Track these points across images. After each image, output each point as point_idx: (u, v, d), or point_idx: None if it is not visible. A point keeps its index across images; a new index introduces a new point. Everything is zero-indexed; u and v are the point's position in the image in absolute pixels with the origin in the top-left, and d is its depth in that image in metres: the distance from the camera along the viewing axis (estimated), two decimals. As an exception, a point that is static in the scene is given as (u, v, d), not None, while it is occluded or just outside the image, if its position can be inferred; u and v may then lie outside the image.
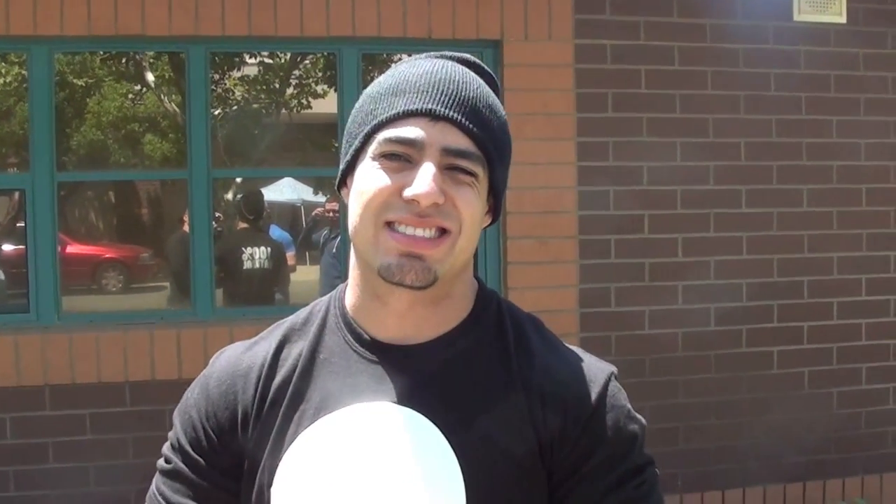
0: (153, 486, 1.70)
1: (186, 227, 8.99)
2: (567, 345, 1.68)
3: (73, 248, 15.87)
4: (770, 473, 6.11)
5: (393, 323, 1.60)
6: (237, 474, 1.64)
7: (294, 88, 17.34)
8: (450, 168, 1.51)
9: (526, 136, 5.61)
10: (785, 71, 6.06)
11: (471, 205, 1.53)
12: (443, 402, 1.56)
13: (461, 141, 1.52)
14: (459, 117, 1.52)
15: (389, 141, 1.51)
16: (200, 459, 1.65)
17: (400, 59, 1.64)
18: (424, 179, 1.47)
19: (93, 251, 17.28)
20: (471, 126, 1.53)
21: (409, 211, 1.49)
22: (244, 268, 8.19)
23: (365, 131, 1.55)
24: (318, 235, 10.55)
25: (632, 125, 5.88)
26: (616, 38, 5.87)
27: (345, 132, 1.64)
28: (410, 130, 1.50)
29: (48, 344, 5.42)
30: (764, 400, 6.10)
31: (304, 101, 17.34)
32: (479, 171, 1.54)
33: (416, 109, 1.51)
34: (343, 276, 8.20)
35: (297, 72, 17.19)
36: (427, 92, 1.53)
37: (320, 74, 16.90)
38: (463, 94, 1.55)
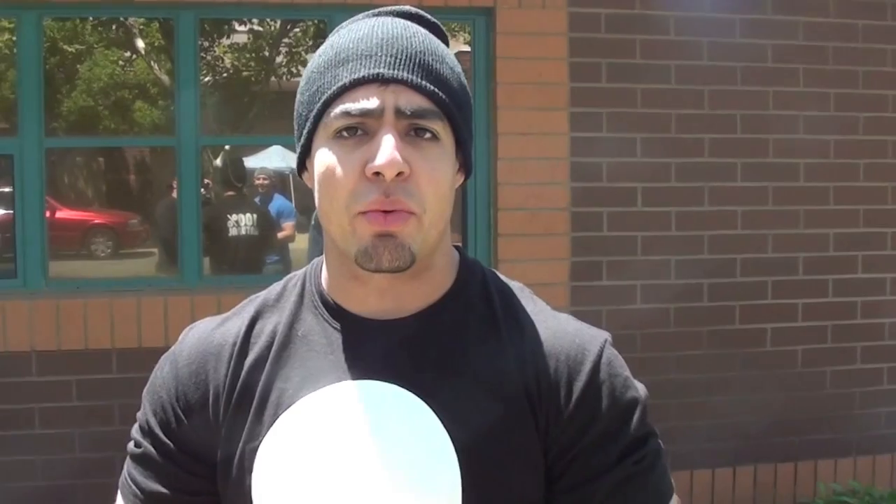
0: (125, 472, 1.63)
1: (175, 194, 9.00)
2: (557, 312, 1.61)
3: (61, 214, 15.85)
4: (761, 453, 6.07)
5: (374, 300, 1.53)
6: (210, 459, 1.56)
7: (284, 56, 17.30)
8: (409, 132, 1.43)
9: (518, 106, 5.56)
10: (783, 42, 5.99)
11: (436, 173, 1.45)
12: (431, 376, 1.49)
13: (416, 100, 1.43)
14: (410, 76, 1.43)
15: (341, 115, 1.42)
16: (170, 443, 1.57)
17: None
18: (385, 150, 1.38)
19: (82, 217, 17.26)
20: (424, 83, 1.44)
21: (377, 191, 1.40)
22: (229, 235, 8.16)
23: (315, 110, 1.46)
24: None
25: (626, 95, 5.82)
26: (611, 6, 5.78)
27: (294, 115, 1.54)
28: (361, 100, 1.41)
29: (35, 310, 5.37)
30: (756, 378, 6.06)
31: (293, 70, 17.31)
32: (440, 127, 1.45)
33: (363, 77, 1.42)
34: (318, 246, 8.16)
35: (286, 39, 17.14)
36: (371, 56, 1.43)
37: (310, 42, 16.85)
38: (409, 50, 1.45)
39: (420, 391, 1.47)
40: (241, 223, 8.22)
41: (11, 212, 5.71)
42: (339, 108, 1.43)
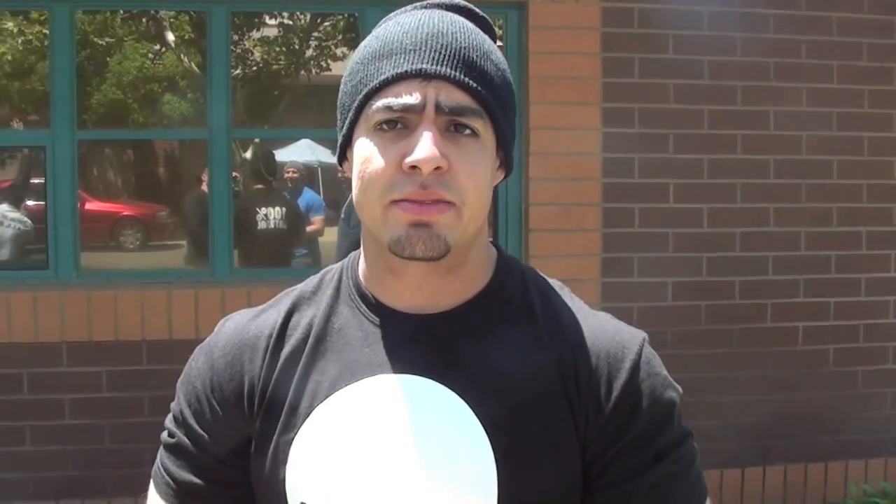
0: (157, 461, 1.63)
1: (205, 187, 9.02)
2: (595, 311, 1.60)
3: (91, 206, 15.92)
4: (792, 452, 6.04)
5: (409, 294, 1.52)
6: (244, 450, 1.56)
7: (313, 50, 17.32)
8: (449, 127, 1.42)
9: (550, 101, 5.54)
10: (817, 38, 5.95)
11: (475, 169, 1.44)
12: (467, 372, 1.48)
13: (457, 97, 1.41)
14: (453, 72, 1.42)
15: (382, 109, 1.41)
16: (204, 434, 1.57)
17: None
18: (423, 145, 1.37)
19: (111, 208, 17.34)
20: (466, 80, 1.42)
21: (413, 184, 1.39)
22: (259, 228, 8.18)
23: (357, 101, 1.46)
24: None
25: (658, 91, 5.79)
26: (644, 1, 5.77)
27: (338, 104, 1.53)
28: (403, 95, 1.41)
29: (66, 301, 5.39)
30: (787, 377, 6.02)
31: (322, 64, 17.32)
32: (480, 125, 1.44)
33: (406, 71, 1.41)
34: (347, 239, 8.16)
35: (316, 33, 17.15)
36: (415, 50, 1.42)
37: (340, 37, 16.86)
38: (454, 46, 1.43)
39: (456, 386, 1.47)
40: (271, 216, 8.23)
41: (42, 203, 5.73)
42: (380, 102, 1.42)
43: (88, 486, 5.41)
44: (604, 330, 1.54)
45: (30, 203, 10.21)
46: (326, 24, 16.78)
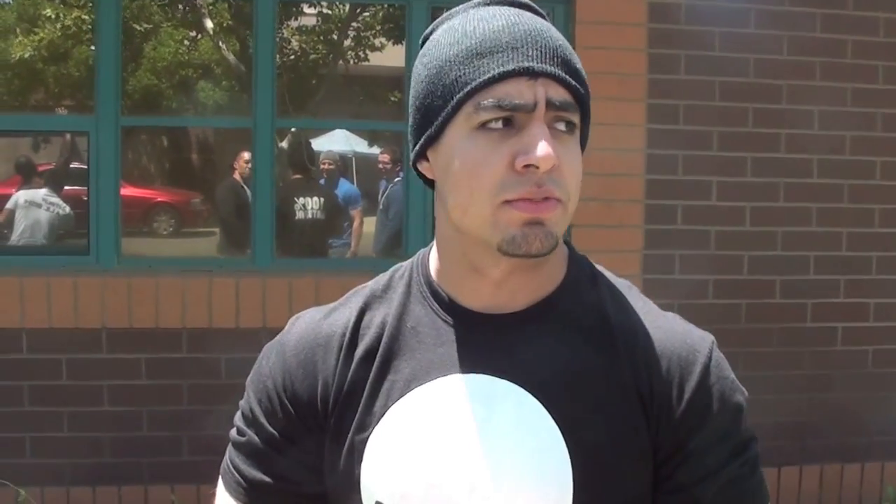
0: (227, 459, 1.64)
1: (237, 175, 9.04)
2: (664, 311, 1.59)
3: (125, 191, 15.96)
4: (828, 453, 6.01)
5: (488, 292, 1.52)
6: (316, 449, 1.56)
7: (352, 41, 17.34)
8: (552, 124, 1.41)
9: (596, 96, 5.41)
10: (862, 38, 5.91)
11: (576, 166, 1.45)
12: (542, 372, 1.48)
13: (562, 94, 1.42)
14: (556, 70, 1.41)
15: (490, 108, 1.40)
16: (276, 433, 1.57)
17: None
18: (541, 145, 1.37)
19: (146, 194, 17.37)
20: (567, 77, 1.43)
21: (528, 183, 1.39)
22: (296, 218, 8.18)
23: (456, 100, 1.43)
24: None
25: (704, 88, 5.76)
26: (691, -3, 5.75)
27: (416, 104, 1.51)
28: (513, 93, 1.39)
29: (107, 287, 5.40)
30: (825, 377, 5.99)
31: (360, 54, 17.33)
32: (578, 122, 1.46)
33: (514, 69, 1.40)
34: (386, 230, 8.14)
35: (355, 24, 17.18)
36: (518, 48, 1.41)
37: (379, 27, 16.87)
38: (551, 44, 1.44)
39: (530, 386, 1.47)
40: (309, 206, 8.23)
41: (81, 188, 5.75)
42: (488, 101, 1.40)
43: (125, 473, 5.42)
44: (674, 332, 1.54)
45: (67, 188, 10.25)
46: (366, 14, 16.79)
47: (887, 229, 6.01)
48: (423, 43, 1.55)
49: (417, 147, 1.52)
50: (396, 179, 8.91)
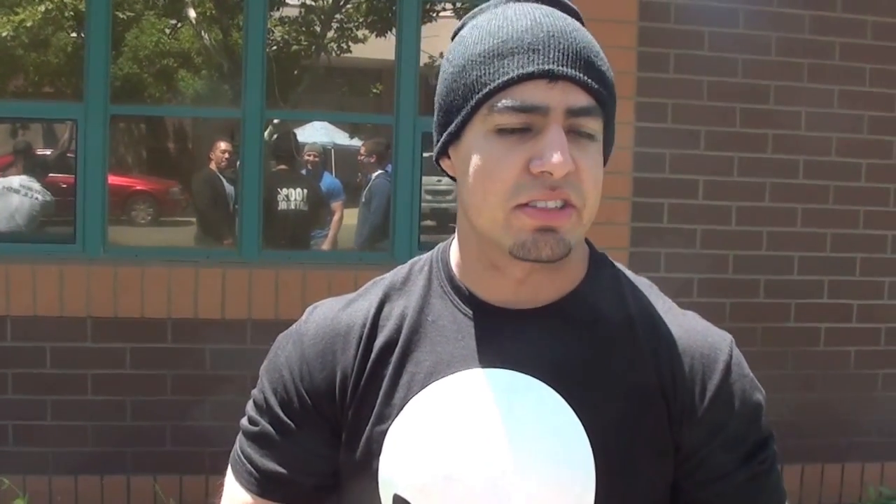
0: (237, 448, 1.62)
1: (213, 165, 9.00)
2: (684, 310, 1.60)
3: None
4: (809, 453, 6.02)
5: (509, 289, 1.52)
6: (332, 440, 1.56)
7: (335, 32, 17.31)
8: (571, 129, 1.40)
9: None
10: (851, 41, 5.93)
11: (596, 172, 1.44)
12: (563, 367, 1.48)
13: (582, 99, 1.40)
14: (579, 74, 1.39)
15: (507, 110, 1.39)
16: (291, 423, 1.56)
17: (459, 8, 1.49)
18: (556, 150, 1.36)
19: (124, 182, 17.26)
20: (589, 82, 1.40)
21: (541, 186, 1.38)
22: (279, 209, 8.16)
23: (475, 100, 1.42)
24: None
25: (692, 88, 5.77)
26: (682, -5, 5.76)
27: (440, 101, 1.50)
28: (531, 96, 1.38)
29: (93, 276, 5.38)
30: (807, 377, 6.02)
31: (343, 46, 17.30)
32: (598, 127, 1.43)
33: (532, 72, 1.38)
34: (368, 223, 8.07)
35: (338, 15, 17.14)
36: (539, 50, 1.39)
37: (361, 19, 16.84)
38: (574, 46, 1.41)
39: (552, 381, 1.47)
40: (292, 197, 8.21)
41: (71, 176, 5.71)
42: (506, 103, 1.39)
43: (108, 462, 5.40)
44: (695, 331, 1.55)
45: (51, 175, 10.15)
46: (349, 5, 16.77)
47: (871, 231, 6.04)
48: (454, 38, 1.54)
49: (439, 144, 1.52)
50: (379, 172, 8.86)
